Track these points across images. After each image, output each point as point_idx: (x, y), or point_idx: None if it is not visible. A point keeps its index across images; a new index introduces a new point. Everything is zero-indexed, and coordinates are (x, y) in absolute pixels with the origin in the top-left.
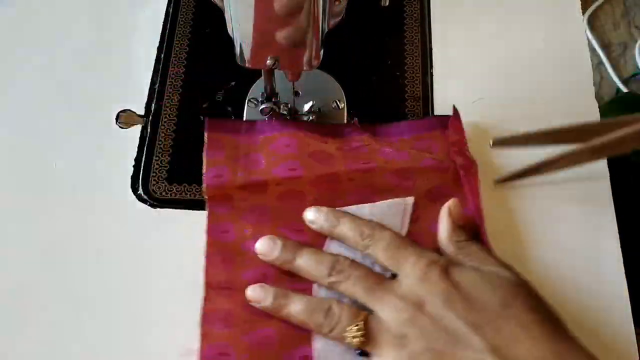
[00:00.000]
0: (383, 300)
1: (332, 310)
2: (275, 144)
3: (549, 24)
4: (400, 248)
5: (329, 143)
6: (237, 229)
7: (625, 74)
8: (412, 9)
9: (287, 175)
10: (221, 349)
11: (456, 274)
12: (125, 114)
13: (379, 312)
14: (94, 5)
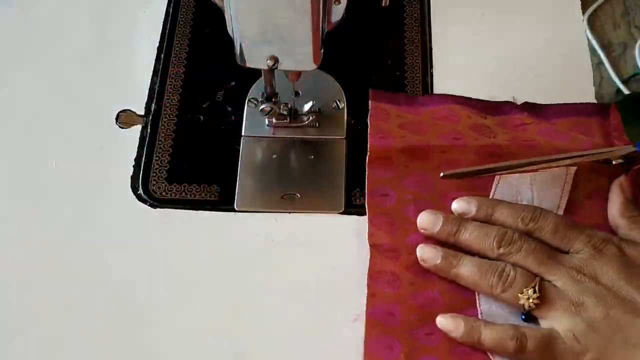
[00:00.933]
0: (558, 271)
1: (506, 272)
2: (437, 115)
3: (549, 24)
4: (568, 228)
5: (488, 119)
6: (399, 194)
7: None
8: (412, 9)
9: (451, 144)
10: (388, 308)
11: (631, 250)
12: (125, 114)
13: (553, 281)
14: (94, 5)
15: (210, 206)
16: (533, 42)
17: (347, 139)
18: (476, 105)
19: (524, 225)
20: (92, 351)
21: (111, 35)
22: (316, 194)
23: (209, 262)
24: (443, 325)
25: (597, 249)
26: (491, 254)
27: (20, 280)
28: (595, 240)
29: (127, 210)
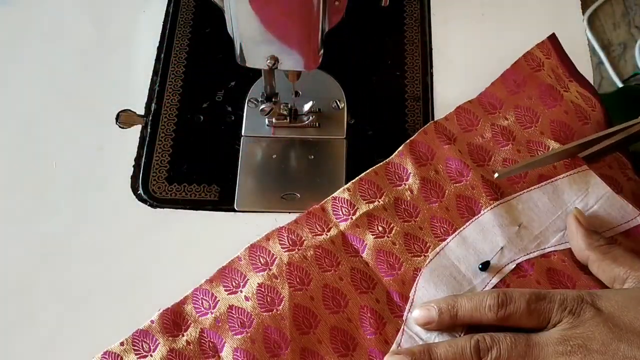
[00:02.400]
0: (545, 355)
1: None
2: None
3: (549, 24)
4: (539, 301)
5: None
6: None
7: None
8: (412, 9)
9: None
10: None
11: (605, 304)
12: (125, 114)
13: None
14: (94, 5)
15: (210, 206)
16: (533, 42)
17: (347, 139)
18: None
19: (494, 316)
20: (91, 351)
21: (111, 35)
22: (316, 194)
23: (209, 262)
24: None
25: (575, 314)
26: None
27: (20, 280)
28: (569, 305)
29: (127, 210)
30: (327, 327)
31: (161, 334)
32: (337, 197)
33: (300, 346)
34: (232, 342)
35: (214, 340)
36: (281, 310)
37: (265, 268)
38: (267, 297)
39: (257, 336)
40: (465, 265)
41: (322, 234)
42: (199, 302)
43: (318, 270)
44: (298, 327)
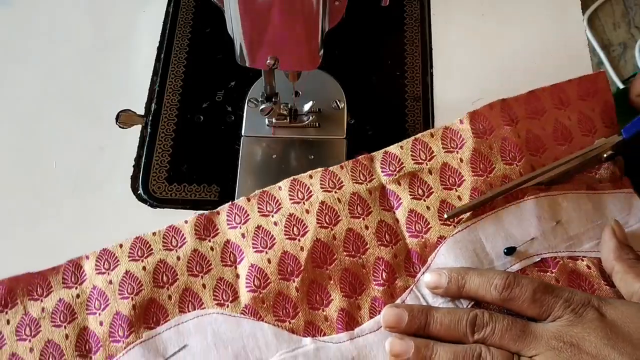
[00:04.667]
0: (537, 345)
1: (483, 356)
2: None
3: (549, 24)
4: (546, 293)
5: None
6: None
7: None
8: (412, 9)
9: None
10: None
11: (611, 312)
12: (125, 114)
13: (534, 357)
14: (94, 5)
15: (210, 206)
16: (533, 42)
17: (347, 139)
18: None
19: (498, 294)
20: None
21: (111, 35)
22: None
23: None
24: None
25: (577, 313)
26: (467, 341)
27: None
28: (574, 304)
29: (127, 210)
30: (341, 268)
31: (190, 234)
32: (389, 152)
33: (310, 277)
34: (251, 257)
35: (235, 252)
36: (302, 242)
37: (300, 201)
38: (294, 226)
39: (274, 258)
40: (491, 244)
41: (362, 183)
42: (232, 215)
43: (348, 214)
44: (314, 260)
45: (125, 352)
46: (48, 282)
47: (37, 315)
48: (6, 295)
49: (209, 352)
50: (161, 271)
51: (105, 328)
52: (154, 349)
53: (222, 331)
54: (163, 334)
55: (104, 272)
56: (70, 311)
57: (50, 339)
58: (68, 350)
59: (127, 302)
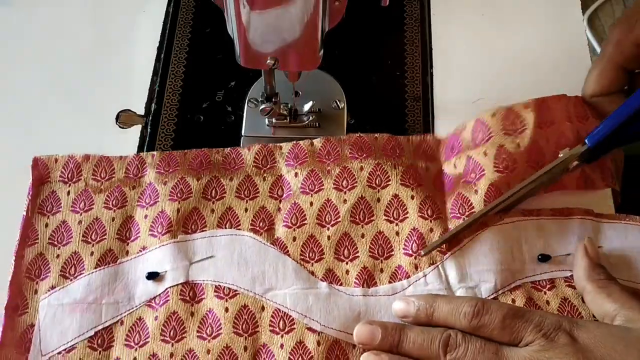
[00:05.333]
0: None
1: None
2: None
3: (549, 24)
4: (516, 318)
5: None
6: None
7: None
8: (412, 9)
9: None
10: None
11: (583, 335)
12: (125, 114)
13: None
14: (94, 5)
15: None
16: (533, 42)
17: None
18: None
19: (467, 322)
20: None
21: (111, 35)
22: None
23: None
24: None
25: (549, 338)
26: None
27: None
28: (545, 329)
29: None
30: (376, 229)
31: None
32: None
33: (344, 230)
34: (296, 196)
35: (284, 187)
36: (347, 195)
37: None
38: (344, 179)
39: (317, 202)
40: (528, 247)
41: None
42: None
43: (399, 180)
44: (352, 215)
45: (159, 247)
46: (112, 168)
47: (94, 194)
48: (74, 169)
49: (230, 268)
50: (212, 186)
51: (148, 222)
52: (184, 251)
53: (249, 254)
54: (196, 240)
55: (163, 173)
56: (123, 198)
57: (99, 217)
58: (110, 232)
59: (174, 205)
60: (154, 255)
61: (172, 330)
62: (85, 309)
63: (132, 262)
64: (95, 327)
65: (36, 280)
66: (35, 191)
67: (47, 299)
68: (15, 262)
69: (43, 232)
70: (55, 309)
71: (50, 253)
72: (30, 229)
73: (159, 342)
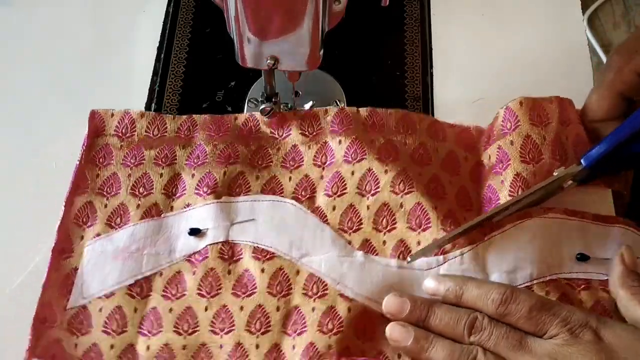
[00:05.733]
0: (530, 358)
1: (478, 359)
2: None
3: (549, 24)
4: (543, 311)
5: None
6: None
7: None
8: (412, 9)
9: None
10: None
11: (609, 335)
12: None
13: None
14: (94, 5)
15: None
16: (533, 42)
17: None
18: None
19: (494, 309)
20: None
21: (111, 35)
22: None
23: None
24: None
25: (574, 334)
26: (463, 341)
27: (20, 280)
28: (571, 324)
29: None
30: (415, 201)
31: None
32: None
33: (384, 200)
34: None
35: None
36: (389, 166)
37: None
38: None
39: (358, 172)
40: (568, 247)
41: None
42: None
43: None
44: (393, 186)
45: (203, 205)
46: (165, 126)
47: (145, 150)
48: (129, 124)
49: (269, 232)
50: (259, 154)
51: (195, 180)
52: (227, 211)
53: (289, 219)
54: (239, 203)
55: (214, 135)
56: (173, 156)
57: (147, 172)
58: (157, 186)
59: (220, 168)
60: (197, 212)
61: (208, 286)
62: (127, 257)
63: (176, 217)
64: (135, 275)
65: (83, 227)
66: (90, 142)
67: (91, 245)
68: (65, 208)
69: (94, 182)
70: (99, 255)
71: (99, 202)
72: (82, 178)
73: (195, 296)
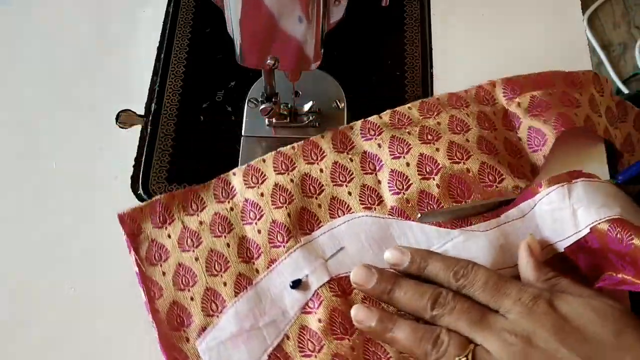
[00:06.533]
0: (490, 334)
1: (441, 339)
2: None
3: (549, 24)
4: (499, 284)
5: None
6: None
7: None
8: (412, 9)
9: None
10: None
11: (563, 305)
12: (125, 114)
13: (486, 345)
14: (94, 5)
15: None
16: (533, 42)
17: None
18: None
19: (455, 281)
20: (92, 350)
21: (111, 35)
22: None
23: None
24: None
25: (527, 306)
26: (425, 315)
27: (20, 281)
28: (525, 296)
29: None
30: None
31: (329, 148)
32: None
33: (449, 173)
34: (390, 164)
35: (374, 161)
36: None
37: (430, 116)
38: (426, 134)
39: (412, 160)
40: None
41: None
42: (365, 129)
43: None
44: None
45: (287, 256)
46: (201, 198)
47: (196, 228)
48: (164, 212)
49: (365, 252)
50: (307, 183)
51: (264, 235)
52: (313, 251)
53: (374, 232)
54: (319, 238)
55: (254, 185)
56: (227, 222)
57: (213, 248)
58: (231, 257)
59: (281, 211)
60: (286, 265)
61: (341, 327)
62: (247, 337)
63: (268, 279)
64: (265, 350)
65: (182, 329)
66: (135, 245)
67: (204, 343)
68: (154, 319)
69: (164, 281)
70: (218, 348)
71: (183, 298)
72: (151, 283)
73: (335, 342)
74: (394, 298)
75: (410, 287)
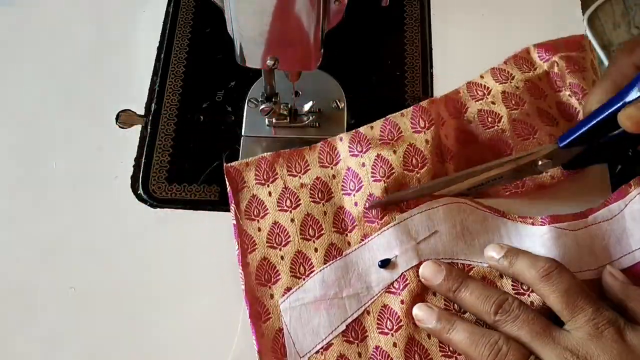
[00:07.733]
0: (551, 349)
1: (498, 345)
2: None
3: (549, 24)
4: (579, 297)
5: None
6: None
7: None
8: (412, 9)
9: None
10: None
11: (632, 336)
12: (125, 114)
13: (543, 358)
14: (94, 5)
15: (210, 206)
16: (533, 42)
17: None
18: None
19: (539, 279)
20: (92, 351)
21: (111, 35)
22: None
23: (209, 262)
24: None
25: (598, 329)
26: (487, 319)
27: (20, 281)
28: (600, 319)
29: (127, 210)
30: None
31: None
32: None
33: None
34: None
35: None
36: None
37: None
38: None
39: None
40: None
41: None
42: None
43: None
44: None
45: (380, 233)
46: (305, 160)
47: (297, 189)
48: (268, 169)
49: (457, 241)
50: (410, 154)
51: (360, 208)
52: (407, 231)
53: (470, 222)
54: (415, 217)
55: (358, 154)
56: (327, 190)
57: (310, 213)
58: (326, 225)
59: (379, 185)
60: (378, 242)
61: None
62: (329, 305)
63: (358, 252)
64: (345, 320)
65: (268, 285)
66: (236, 199)
67: (287, 302)
68: (244, 272)
69: (259, 237)
70: (299, 309)
71: (274, 256)
72: (245, 236)
73: (412, 327)
74: (459, 297)
75: (477, 288)
